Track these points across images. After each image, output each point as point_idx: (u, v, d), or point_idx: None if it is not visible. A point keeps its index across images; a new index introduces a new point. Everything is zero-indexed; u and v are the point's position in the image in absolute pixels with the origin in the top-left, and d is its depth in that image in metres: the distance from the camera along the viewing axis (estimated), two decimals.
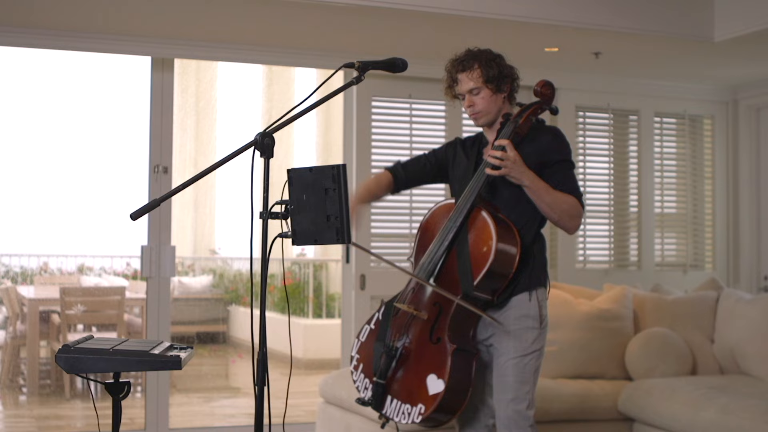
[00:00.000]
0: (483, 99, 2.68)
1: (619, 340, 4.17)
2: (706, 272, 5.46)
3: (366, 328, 2.78)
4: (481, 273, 2.55)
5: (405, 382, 2.61)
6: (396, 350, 2.62)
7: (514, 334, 2.65)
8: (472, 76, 2.66)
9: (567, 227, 2.67)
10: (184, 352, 2.24)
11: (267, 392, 2.03)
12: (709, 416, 3.53)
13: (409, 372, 2.61)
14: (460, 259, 2.60)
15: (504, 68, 2.69)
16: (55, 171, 7.68)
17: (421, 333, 2.62)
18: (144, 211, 2.05)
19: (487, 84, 2.66)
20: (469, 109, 2.72)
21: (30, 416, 5.69)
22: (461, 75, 2.69)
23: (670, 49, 4.61)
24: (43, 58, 6.67)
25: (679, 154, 5.52)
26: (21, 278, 7.92)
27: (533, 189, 2.58)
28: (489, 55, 2.69)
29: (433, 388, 2.54)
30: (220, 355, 8.34)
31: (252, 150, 2.06)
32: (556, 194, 2.61)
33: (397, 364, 2.62)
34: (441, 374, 2.53)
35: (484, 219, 2.60)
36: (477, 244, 2.58)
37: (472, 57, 2.68)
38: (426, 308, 2.64)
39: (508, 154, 2.53)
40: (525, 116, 2.64)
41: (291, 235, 2.12)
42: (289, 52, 4.66)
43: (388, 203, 4.82)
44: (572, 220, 2.65)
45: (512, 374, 2.63)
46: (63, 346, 2.13)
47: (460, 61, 2.69)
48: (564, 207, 2.61)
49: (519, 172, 2.54)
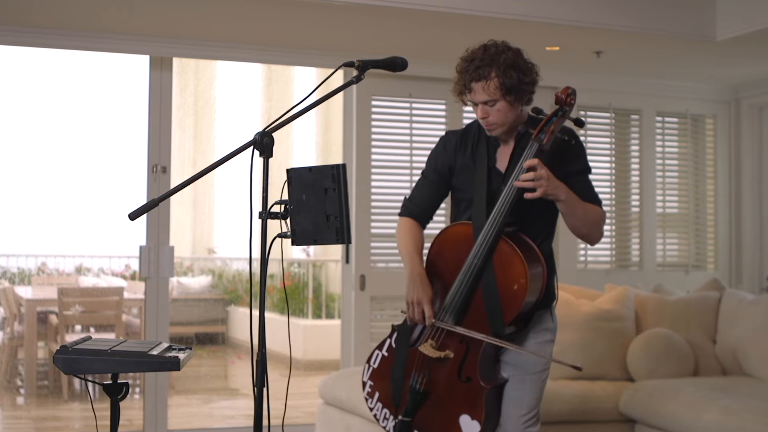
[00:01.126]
0: (499, 111, 2.41)
1: (621, 341, 4.16)
2: (708, 273, 5.45)
3: (377, 354, 2.63)
4: (515, 312, 2.40)
5: (435, 421, 2.50)
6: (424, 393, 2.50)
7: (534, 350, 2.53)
8: (489, 87, 2.38)
9: (593, 239, 2.52)
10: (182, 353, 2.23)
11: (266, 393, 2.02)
12: (712, 417, 3.52)
13: (438, 411, 2.49)
14: (488, 296, 2.42)
15: (524, 74, 2.40)
16: (53, 170, 7.66)
17: (449, 372, 2.49)
18: (142, 211, 2.04)
19: (506, 96, 2.39)
20: (483, 121, 2.45)
21: (28, 417, 5.69)
22: (476, 85, 2.39)
23: (671, 48, 4.60)
24: (40, 57, 6.65)
25: (680, 154, 5.52)
26: (18, 279, 7.90)
27: (569, 203, 2.40)
28: (507, 60, 2.38)
29: (468, 428, 2.45)
30: (219, 356, 8.34)
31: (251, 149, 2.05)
32: (586, 206, 2.46)
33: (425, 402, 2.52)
34: (476, 415, 2.43)
35: (510, 252, 2.39)
36: (506, 281, 2.40)
37: (489, 62, 2.37)
38: (452, 347, 2.48)
39: (540, 173, 2.32)
40: (549, 133, 2.38)
41: (290, 235, 2.11)
42: (288, 51, 4.66)
43: (388, 203, 4.81)
44: (598, 230, 2.51)
45: (530, 390, 2.52)
46: (61, 347, 2.12)
47: (476, 69, 2.39)
48: (594, 218, 2.47)
49: (554, 188, 2.35)
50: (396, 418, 2.55)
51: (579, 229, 2.47)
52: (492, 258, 2.41)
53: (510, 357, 2.54)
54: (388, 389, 2.57)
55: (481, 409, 2.42)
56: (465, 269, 2.44)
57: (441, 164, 2.61)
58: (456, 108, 4.85)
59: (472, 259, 2.43)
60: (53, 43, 4.37)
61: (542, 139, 2.38)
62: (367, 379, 2.64)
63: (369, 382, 2.63)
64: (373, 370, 2.62)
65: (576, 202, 2.42)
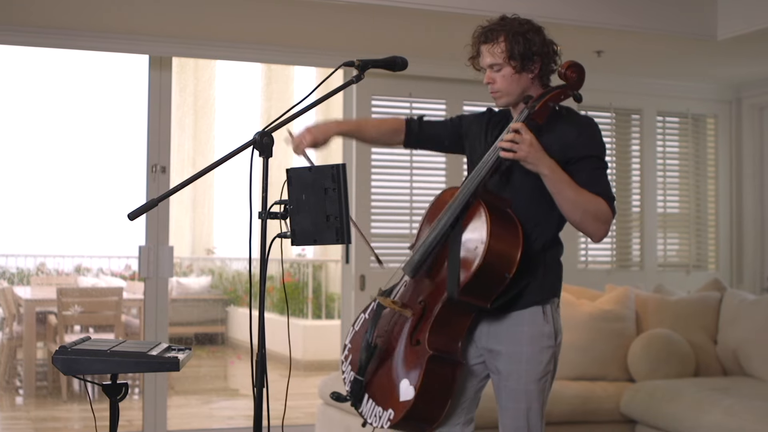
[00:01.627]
0: (503, 77, 2.33)
1: (622, 342, 4.16)
2: (709, 273, 5.44)
3: (361, 317, 2.54)
4: (468, 276, 2.23)
5: (381, 383, 2.37)
6: (375, 347, 2.37)
7: (528, 358, 2.33)
8: (494, 50, 2.32)
9: (591, 232, 2.31)
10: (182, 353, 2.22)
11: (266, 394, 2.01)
12: (713, 418, 3.53)
13: (386, 373, 2.36)
14: (451, 256, 2.28)
15: (534, 44, 2.32)
16: (52, 170, 7.66)
17: (403, 332, 2.36)
18: (142, 211, 2.02)
19: (511, 61, 2.31)
20: (489, 87, 2.38)
21: (27, 418, 5.69)
22: (483, 47, 2.35)
23: (672, 47, 4.59)
24: (39, 56, 6.65)
25: (681, 154, 5.50)
26: (17, 279, 7.90)
27: (553, 179, 2.23)
28: (520, 27, 2.33)
29: (405, 394, 2.29)
30: (219, 356, 8.35)
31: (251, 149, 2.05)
32: (581, 191, 2.26)
33: (379, 362, 2.38)
34: (413, 381, 2.27)
35: (480, 212, 2.26)
36: (469, 242, 2.26)
37: (500, 27, 2.33)
38: (411, 305, 2.36)
39: (522, 137, 2.21)
40: (542, 102, 2.28)
41: (290, 235, 2.10)
42: (288, 50, 4.64)
43: (387, 203, 4.79)
44: (597, 224, 2.28)
45: (525, 401, 2.34)
46: (60, 348, 2.11)
47: (486, 31, 2.35)
48: (589, 207, 2.26)
49: (536, 158, 2.21)
50: None
51: (570, 215, 2.29)
52: (465, 214, 2.30)
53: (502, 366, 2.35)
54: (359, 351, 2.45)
55: (419, 374, 2.25)
56: (434, 224, 2.35)
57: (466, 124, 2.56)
58: (457, 108, 4.84)
59: (443, 214, 2.34)
60: (52, 43, 4.35)
61: (535, 106, 2.29)
62: (348, 342, 2.54)
63: (348, 345, 2.53)
64: (354, 333, 2.52)
65: (564, 182, 2.24)
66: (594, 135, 2.34)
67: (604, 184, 2.31)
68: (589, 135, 2.33)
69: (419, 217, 4.80)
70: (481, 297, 2.27)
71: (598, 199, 2.28)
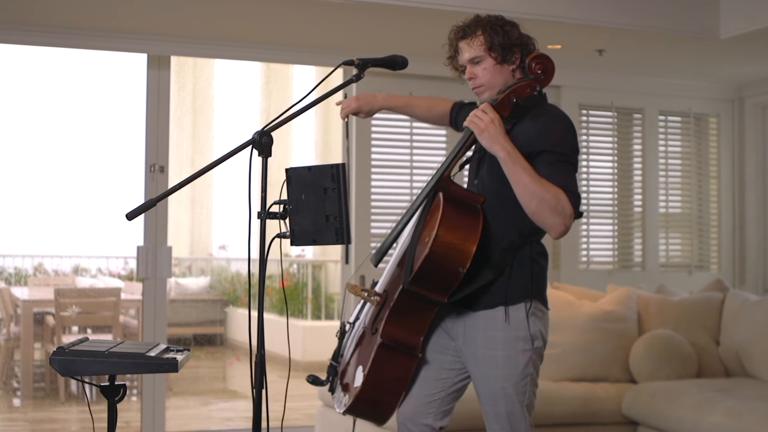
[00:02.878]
0: (485, 70, 2.33)
1: (623, 342, 4.16)
2: (711, 273, 5.44)
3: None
4: (418, 264, 2.17)
5: (347, 370, 2.39)
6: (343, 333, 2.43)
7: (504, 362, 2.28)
8: (474, 43, 2.34)
9: (549, 225, 2.19)
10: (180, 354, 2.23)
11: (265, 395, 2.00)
12: (715, 420, 3.52)
13: (353, 360, 2.38)
14: (410, 246, 2.25)
15: (513, 35, 2.33)
16: (50, 170, 7.65)
17: (369, 320, 2.37)
18: (140, 211, 2.03)
19: (491, 52, 2.32)
20: (471, 82, 2.37)
21: (24, 420, 5.67)
22: (462, 43, 2.37)
23: (674, 46, 4.59)
24: (37, 55, 6.63)
25: (684, 153, 5.51)
26: (15, 279, 7.89)
27: (509, 163, 2.16)
28: (496, 21, 2.36)
29: (356, 380, 2.28)
30: (218, 357, 8.35)
31: (250, 149, 2.05)
32: (540, 180, 2.17)
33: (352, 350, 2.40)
34: (365, 368, 2.25)
35: (439, 203, 2.21)
36: (424, 231, 2.23)
37: (477, 23, 2.37)
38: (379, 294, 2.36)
39: (486, 114, 2.20)
40: (505, 94, 2.25)
41: (289, 235, 2.10)
42: (287, 49, 4.65)
43: (388, 203, 4.79)
44: (555, 217, 2.16)
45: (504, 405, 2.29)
46: (57, 349, 2.11)
47: (463, 28, 2.38)
48: (545, 196, 2.15)
49: (493, 135, 2.17)
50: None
51: (526, 204, 2.19)
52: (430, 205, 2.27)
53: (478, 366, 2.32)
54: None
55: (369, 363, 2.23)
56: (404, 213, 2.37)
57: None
58: None
59: (412, 203, 2.35)
60: (49, 42, 4.35)
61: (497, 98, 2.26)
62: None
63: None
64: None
65: (520, 166, 2.16)
66: (557, 130, 2.26)
67: (567, 179, 2.21)
68: (552, 129, 2.25)
69: None
70: (435, 290, 2.21)
71: (558, 190, 2.17)
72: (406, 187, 4.80)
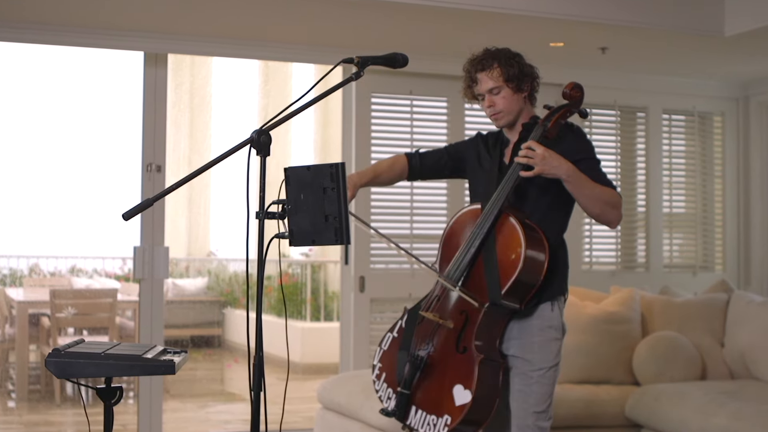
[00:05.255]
0: (504, 99, 2.67)
1: (627, 344, 4.16)
2: (716, 274, 5.43)
3: (388, 336, 2.76)
4: (510, 281, 2.53)
5: (430, 393, 2.59)
6: (421, 360, 2.61)
7: (539, 347, 2.64)
8: (492, 75, 2.66)
9: (610, 220, 2.62)
10: (177, 356, 2.22)
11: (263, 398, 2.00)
12: (720, 422, 3.51)
13: (435, 382, 2.59)
14: (488, 266, 2.57)
15: (524, 67, 2.69)
16: (45, 169, 7.65)
17: (446, 342, 2.60)
18: (136, 211, 2.02)
19: (508, 83, 2.66)
20: (489, 110, 2.70)
21: (19, 422, 5.66)
22: (481, 75, 2.68)
23: (678, 44, 4.57)
24: (32, 53, 6.60)
25: (688, 152, 5.49)
26: (10, 280, 7.88)
27: (573, 181, 2.53)
28: (508, 54, 2.69)
29: (460, 398, 2.51)
30: (215, 359, 8.36)
31: (248, 148, 2.03)
32: (596, 186, 2.58)
33: (422, 374, 2.61)
34: (468, 385, 2.51)
35: (512, 225, 2.56)
36: (505, 251, 2.56)
37: (492, 56, 2.68)
38: (452, 317, 2.61)
39: (536, 152, 2.51)
40: (554, 120, 2.63)
41: (288, 235, 2.09)
42: (286, 47, 4.62)
43: (388, 203, 4.81)
44: (615, 211, 2.61)
45: (536, 387, 2.62)
46: (53, 350, 2.11)
47: (480, 60, 2.68)
48: (606, 198, 2.58)
49: (552, 167, 2.51)
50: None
51: (590, 209, 2.59)
52: (494, 229, 2.59)
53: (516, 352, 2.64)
54: (394, 368, 2.68)
55: (473, 378, 2.50)
56: (468, 238, 2.62)
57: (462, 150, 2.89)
58: (458, 106, 4.80)
59: (475, 229, 2.61)
60: (45, 39, 4.32)
61: (547, 125, 2.61)
62: (377, 362, 2.75)
63: (378, 365, 2.74)
64: (383, 352, 2.74)
65: (582, 180, 2.54)
66: (585, 138, 2.71)
67: (605, 177, 2.65)
68: (584, 139, 2.69)
69: (419, 217, 4.81)
70: (517, 299, 2.56)
71: (608, 189, 2.60)
72: (406, 186, 4.77)
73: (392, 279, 4.69)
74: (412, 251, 4.76)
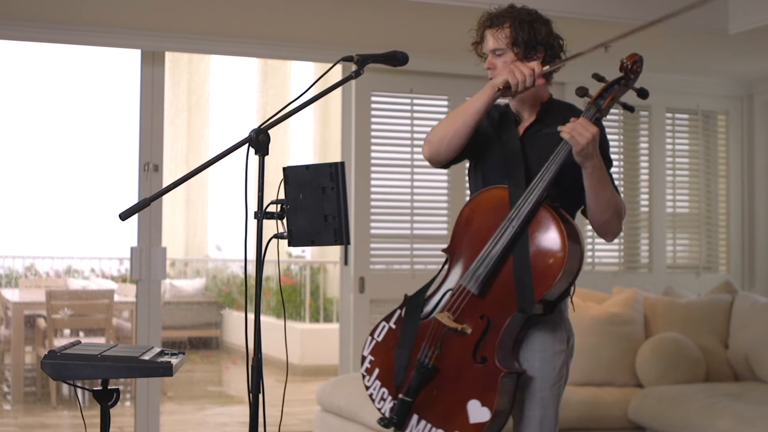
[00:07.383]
0: (505, 64, 2.34)
1: (630, 346, 4.14)
2: (720, 275, 5.41)
3: (383, 325, 2.40)
4: (546, 289, 2.18)
5: (439, 404, 2.27)
6: (431, 368, 2.27)
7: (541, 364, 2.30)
8: (499, 35, 2.34)
9: (612, 231, 2.31)
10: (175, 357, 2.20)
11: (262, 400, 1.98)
12: (724, 425, 3.50)
13: (445, 393, 2.27)
14: (519, 267, 2.21)
15: (539, 34, 2.34)
16: (42, 169, 7.64)
17: (462, 350, 2.25)
18: (133, 211, 2.01)
19: (513, 47, 2.32)
20: (489, 72, 2.39)
21: (15, 425, 5.66)
22: (488, 32, 2.37)
23: (682, 42, 4.55)
24: (27, 51, 6.58)
25: (691, 152, 5.47)
26: (5, 281, 7.88)
27: (595, 175, 2.20)
28: (527, 16, 2.35)
29: (476, 416, 2.20)
30: (213, 361, 8.37)
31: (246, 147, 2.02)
32: (615, 191, 2.27)
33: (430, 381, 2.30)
34: (487, 401, 2.18)
35: (550, 223, 2.20)
36: (541, 254, 2.20)
37: (507, 14, 2.35)
38: (470, 321, 2.26)
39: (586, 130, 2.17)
40: (609, 99, 2.27)
41: (287, 235, 2.08)
42: (285, 45, 4.60)
43: (388, 203, 4.78)
44: (619, 223, 2.29)
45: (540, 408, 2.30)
46: (49, 352, 2.10)
47: (493, 16, 2.36)
48: (617, 205, 2.26)
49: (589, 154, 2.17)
50: (395, 399, 2.32)
51: (599, 213, 2.26)
52: (528, 225, 2.21)
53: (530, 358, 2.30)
54: (390, 366, 2.34)
55: (494, 395, 2.17)
56: (496, 234, 2.23)
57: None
58: (459, 104, 4.75)
59: (506, 223, 2.22)
60: (40, 37, 4.31)
61: (601, 104, 2.25)
62: (368, 354, 2.40)
63: (369, 357, 2.40)
64: (376, 343, 2.40)
65: (603, 180, 2.22)
66: (605, 133, 2.36)
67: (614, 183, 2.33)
68: (603, 133, 2.33)
69: (419, 217, 4.77)
70: (550, 306, 2.27)
71: (620, 198, 2.31)
72: (407, 186, 4.76)
73: (392, 280, 4.67)
74: (413, 251, 4.74)
